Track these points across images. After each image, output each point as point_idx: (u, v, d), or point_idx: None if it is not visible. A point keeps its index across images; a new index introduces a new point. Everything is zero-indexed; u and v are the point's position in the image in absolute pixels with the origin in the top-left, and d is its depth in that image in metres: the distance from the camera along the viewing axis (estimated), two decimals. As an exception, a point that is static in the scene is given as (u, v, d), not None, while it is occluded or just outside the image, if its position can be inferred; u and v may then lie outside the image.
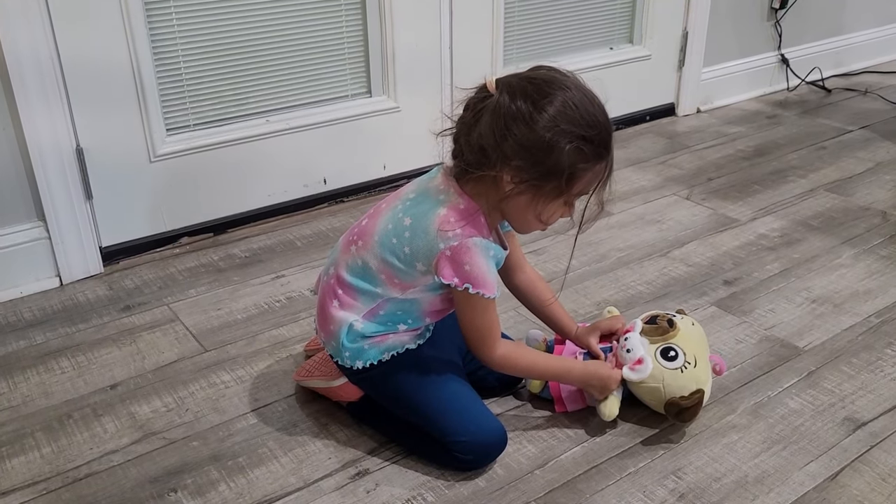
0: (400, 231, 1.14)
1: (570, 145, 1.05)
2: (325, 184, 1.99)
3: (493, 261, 1.13)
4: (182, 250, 1.81)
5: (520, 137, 1.05)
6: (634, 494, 1.14)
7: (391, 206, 1.18)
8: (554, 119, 1.05)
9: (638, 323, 1.30)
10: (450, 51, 2.06)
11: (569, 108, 1.05)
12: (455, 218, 1.10)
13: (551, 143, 1.05)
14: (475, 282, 1.10)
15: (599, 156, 1.08)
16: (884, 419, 1.28)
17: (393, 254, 1.14)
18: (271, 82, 1.86)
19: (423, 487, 1.16)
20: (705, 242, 1.84)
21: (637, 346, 1.25)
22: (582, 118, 1.06)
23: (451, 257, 1.09)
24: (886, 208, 1.98)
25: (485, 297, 1.11)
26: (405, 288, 1.16)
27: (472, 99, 1.11)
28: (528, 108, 1.05)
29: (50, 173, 1.59)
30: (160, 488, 1.16)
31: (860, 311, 1.57)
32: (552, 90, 1.06)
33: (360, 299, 1.18)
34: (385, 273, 1.16)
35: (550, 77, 1.08)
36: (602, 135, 1.08)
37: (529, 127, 1.05)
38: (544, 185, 1.08)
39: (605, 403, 1.23)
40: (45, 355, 1.45)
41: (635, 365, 1.24)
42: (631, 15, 2.44)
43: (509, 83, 1.07)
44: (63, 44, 1.54)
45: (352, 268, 1.19)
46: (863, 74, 2.99)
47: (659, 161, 2.28)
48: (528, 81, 1.07)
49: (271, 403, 1.33)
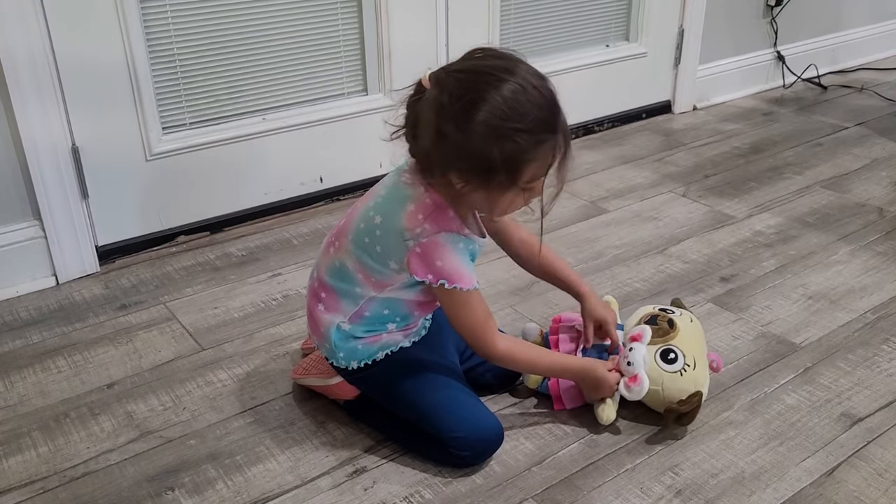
0: (371, 230, 1.13)
1: (503, 141, 1.01)
2: (321, 182, 1.99)
3: (466, 253, 1.11)
4: (178, 249, 1.80)
5: (452, 140, 1.02)
6: (632, 491, 1.15)
7: (364, 206, 1.17)
8: (483, 119, 1.00)
9: (647, 332, 1.26)
10: (446, 49, 2.05)
11: (497, 102, 1.00)
12: (423, 213, 1.09)
13: (482, 143, 1.01)
14: (449, 277, 1.09)
15: (540, 141, 1.04)
16: (880, 415, 1.28)
17: (366, 253, 1.14)
18: (267, 80, 1.86)
19: (420, 485, 1.16)
20: (702, 239, 1.84)
21: (638, 363, 1.23)
22: (511, 110, 1.01)
23: (421, 254, 1.09)
24: (882, 204, 1.98)
25: (463, 290, 1.10)
26: (382, 286, 1.15)
27: (410, 98, 1.08)
28: (457, 108, 1.01)
29: (45, 172, 1.58)
30: (157, 487, 1.16)
31: (856, 307, 1.57)
32: (480, 86, 1.01)
33: (343, 301, 1.18)
34: (361, 272, 1.15)
35: (481, 68, 1.03)
36: (539, 119, 1.03)
37: (459, 128, 1.01)
38: (489, 182, 1.05)
39: (603, 408, 1.23)
40: (42, 354, 1.45)
41: (630, 382, 1.23)
42: (627, 12, 2.44)
43: (439, 79, 1.03)
44: (58, 42, 1.54)
45: (330, 269, 1.19)
46: (859, 71, 2.99)
47: (655, 158, 2.29)
48: (457, 76, 1.03)
49: (268, 402, 1.33)
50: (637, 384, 1.22)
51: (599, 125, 2.48)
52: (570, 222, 1.91)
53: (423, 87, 1.05)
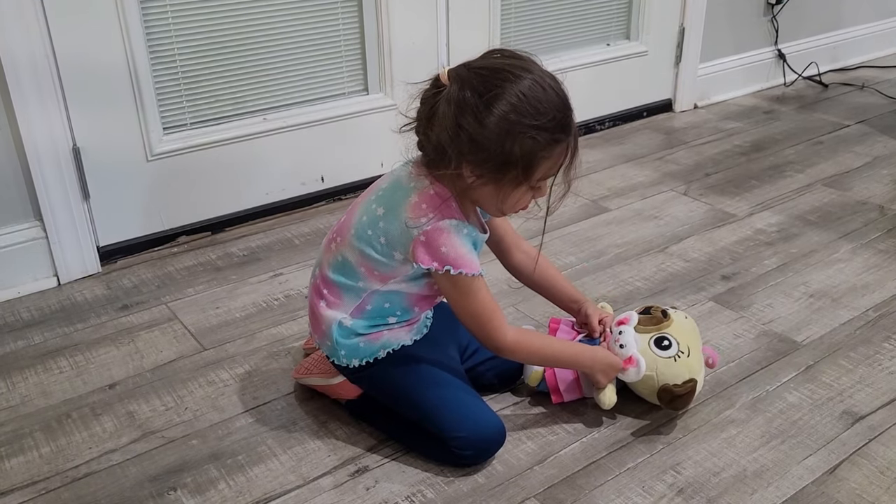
0: (374, 222, 1.14)
1: (522, 137, 1.04)
2: (322, 182, 1.99)
3: (469, 240, 1.12)
4: (180, 249, 1.80)
5: (472, 133, 1.04)
6: (633, 489, 1.15)
7: (366, 199, 1.19)
8: (503, 113, 1.03)
9: (634, 316, 1.29)
10: (447, 48, 2.05)
11: (518, 99, 1.04)
12: (426, 204, 1.10)
13: (502, 137, 1.04)
14: (454, 262, 1.10)
15: (556, 140, 1.07)
16: (882, 412, 1.28)
17: (370, 245, 1.14)
18: (268, 80, 1.86)
19: (422, 484, 1.16)
20: (703, 238, 1.84)
21: (630, 344, 1.25)
22: (531, 107, 1.04)
23: (425, 242, 1.09)
24: (884, 202, 1.98)
25: (468, 275, 1.11)
26: (385, 279, 1.16)
27: (426, 92, 1.10)
28: (478, 103, 1.04)
29: (47, 173, 1.58)
30: (160, 487, 1.16)
31: (858, 305, 1.57)
32: (501, 82, 1.04)
33: (345, 296, 1.19)
34: (364, 266, 1.16)
35: (500, 66, 1.06)
36: (556, 119, 1.06)
37: (480, 122, 1.04)
38: (503, 176, 1.07)
39: (605, 392, 1.23)
40: (44, 355, 1.45)
41: (626, 364, 1.23)
42: (628, 11, 2.44)
43: (460, 75, 1.06)
44: (59, 42, 1.54)
45: (333, 265, 1.19)
46: (860, 69, 2.99)
47: (656, 157, 2.28)
48: (478, 73, 1.06)
49: (270, 401, 1.33)
50: (634, 364, 1.23)
51: (601, 124, 2.48)
52: (571, 221, 1.91)
53: (441, 83, 1.08)
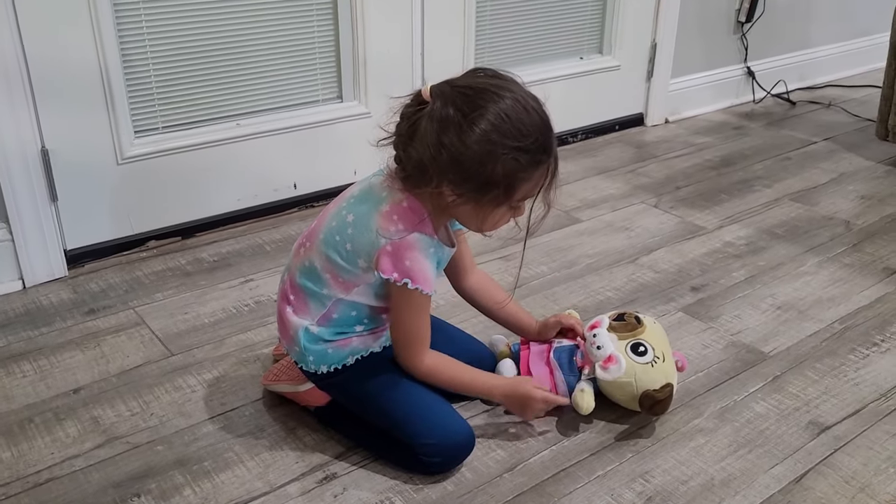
0: (343, 228, 1.14)
1: (504, 157, 1.05)
2: (295, 188, 1.98)
3: (435, 259, 1.13)
4: (149, 254, 1.78)
5: (453, 152, 1.04)
6: (602, 497, 1.15)
7: (337, 206, 1.18)
8: (485, 133, 1.04)
9: (605, 319, 1.30)
10: (421, 57, 2.06)
11: (501, 119, 1.04)
12: (398, 216, 1.10)
13: (484, 157, 1.04)
14: (414, 277, 1.10)
15: (538, 162, 1.08)
16: (847, 423, 1.30)
17: (335, 251, 1.14)
18: (242, 86, 1.85)
19: (390, 491, 1.15)
20: (673, 250, 1.85)
21: (607, 343, 1.26)
22: (514, 128, 1.05)
23: (391, 252, 1.10)
24: (849, 217, 2.01)
25: (423, 293, 1.11)
26: (348, 287, 1.15)
27: (407, 107, 1.10)
28: (461, 121, 1.04)
29: (14, 174, 1.56)
30: (123, 493, 1.14)
31: (824, 317, 1.59)
32: (484, 102, 1.04)
33: (311, 303, 1.18)
34: (329, 272, 1.16)
35: (484, 85, 1.07)
36: (538, 141, 1.07)
37: (462, 142, 1.04)
38: (483, 196, 1.08)
39: (582, 396, 1.24)
40: (6, 359, 1.42)
41: (607, 363, 1.24)
42: (601, 25, 2.47)
43: (443, 92, 1.06)
44: (29, 43, 1.52)
45: (301, 270, 1.19)
46: (826, 88, 3.04)
47: (628, 170, 2.30)
48: (461, 91, 1.06)
49: (238, 408, 1.31)
50: (614, 363, 1.24)
51: (573, 136, 2.50)
52: (543, 232, 1.91)
53: (423, 99, 1.07)
